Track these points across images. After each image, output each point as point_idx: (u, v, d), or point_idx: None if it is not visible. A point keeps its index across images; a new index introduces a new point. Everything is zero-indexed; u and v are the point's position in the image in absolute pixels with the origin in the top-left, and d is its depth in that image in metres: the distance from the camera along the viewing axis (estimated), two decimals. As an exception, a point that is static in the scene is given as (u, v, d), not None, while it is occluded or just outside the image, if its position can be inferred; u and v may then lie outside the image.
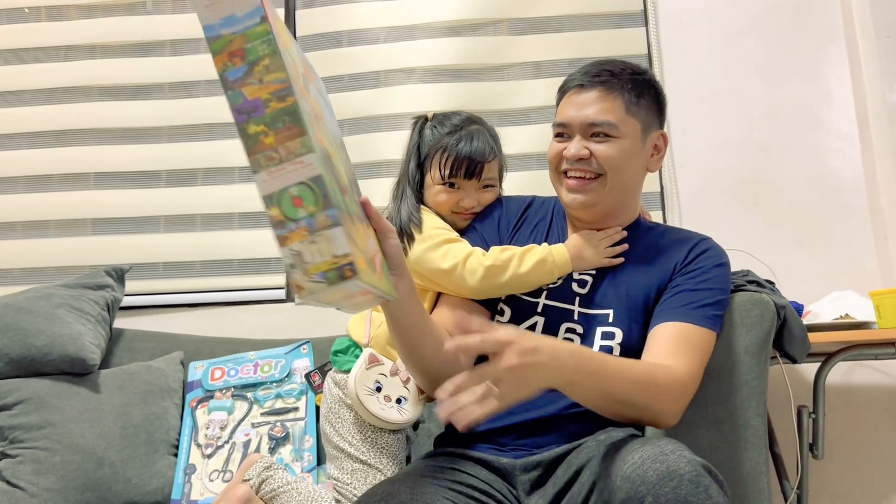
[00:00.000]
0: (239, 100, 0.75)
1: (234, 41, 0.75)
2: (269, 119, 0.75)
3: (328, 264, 0.75)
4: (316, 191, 0.75)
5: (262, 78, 0.75)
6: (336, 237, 0.75)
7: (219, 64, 0.76)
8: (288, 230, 0.75)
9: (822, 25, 2.24)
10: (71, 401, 1.66)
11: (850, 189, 2.15)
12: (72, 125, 2.35)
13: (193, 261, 2.26)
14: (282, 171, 0.75)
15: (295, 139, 0.75)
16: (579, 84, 1.27)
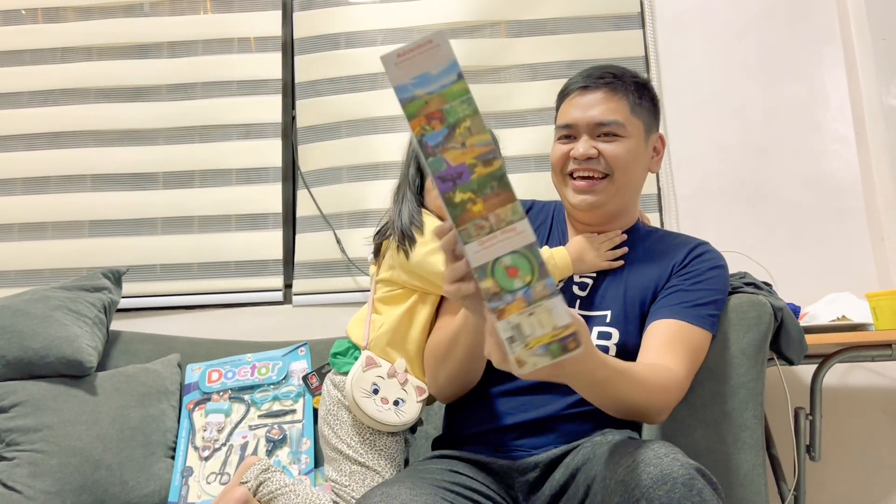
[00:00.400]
0: (441, 166, 0.70)
1: (431, 102, 0.70)
2: (476, 185, 0.70)
3: (550, 336, 0.71)
4: (531, 259, 0.71)
5: (464, 141, 0.70)
6: (556, 307, 0.71)
7: (416, 128, 0.70)
8: (504, 302, 0.70)
9: (818, 28, 2.25)
10: (68, 403, 1.66)
11: (847, 191, 2.15)
12: (69, 127, 2.34)
13: (191, 263, 2.26)
14: (493, 240, 0.70)
15: (505, 205, 0.70)
16: (583, 86, 1.28)
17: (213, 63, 2.37)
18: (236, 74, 2.36)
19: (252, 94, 2.35)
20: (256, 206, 2.28)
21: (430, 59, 0.70)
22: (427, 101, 0.70)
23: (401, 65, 0.70)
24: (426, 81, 0.70)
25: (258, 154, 2.31)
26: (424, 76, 0.70)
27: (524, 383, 1.22)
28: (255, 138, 2.32)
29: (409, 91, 0.70)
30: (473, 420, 1.27)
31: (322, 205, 2.26)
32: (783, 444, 1.79)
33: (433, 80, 0.70)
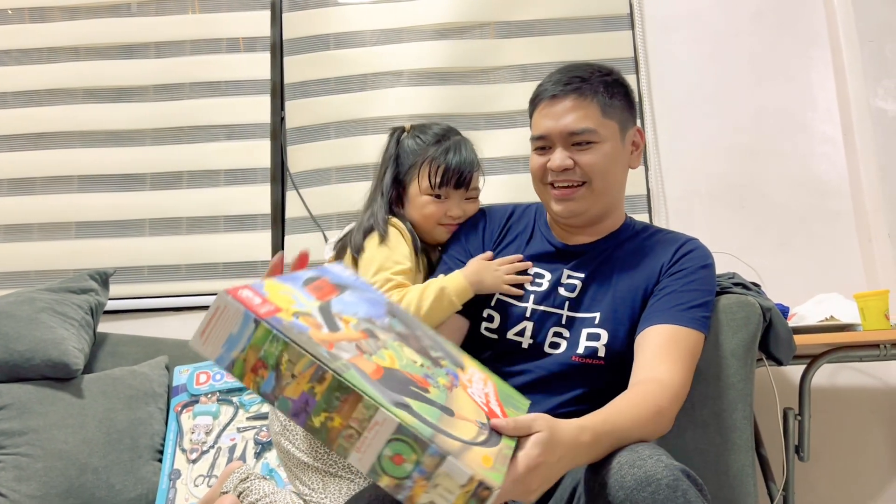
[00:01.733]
0: (288, 405, 0.72)
1: (248, 357, 0.72)
2: (325, 404, 0.71)
3: (462, 497, 0.71)
4: (406, 439, 0.71)
5: (292, 373, 0.72)
6: (452, 469, 0.71)
7: (251, 385, 0.73)
8: (408, 489, 0.71)
9: (806, 30, 2.26)
10: (54, 406, 1.65)
11: (835, 192, 2.17)
12: (55, 127, 2.33)
13: (179, 264, 2.24)
14: (365, 442, 0.71)
15: (356, 406, 0.71)
16: (552, 95, 1.27)
17: (201, 63, 2.36)
18: (225, 75, 2.35)
19: (240, 94, 2.34)
20: (245, 208, 2.27)
21: (225, 321, 0.73)
22: (244, 358, 0.72)
23: (207, 341, 0.73)
24: (234, 342, 0.73)
25: (247, 155, 2.30)
26: (230, 339, 0.73)
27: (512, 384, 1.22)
28: (243, 139, 2.31)
29: (226, 359, 0.73)
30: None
31: (311, 206, 2.25)
32: (772, 445, 1.80)
33: (239, 338, 0.73)
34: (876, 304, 1.67)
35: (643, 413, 1.03)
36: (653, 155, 2.22)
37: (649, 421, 1.03)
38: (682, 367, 1.14)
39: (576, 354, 1.23)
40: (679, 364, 1.13)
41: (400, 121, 2.29)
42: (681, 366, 1.14)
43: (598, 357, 1.22)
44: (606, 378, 1.21)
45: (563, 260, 1.32)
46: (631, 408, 1.03)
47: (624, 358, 1.21)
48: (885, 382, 2.06)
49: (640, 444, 0.95)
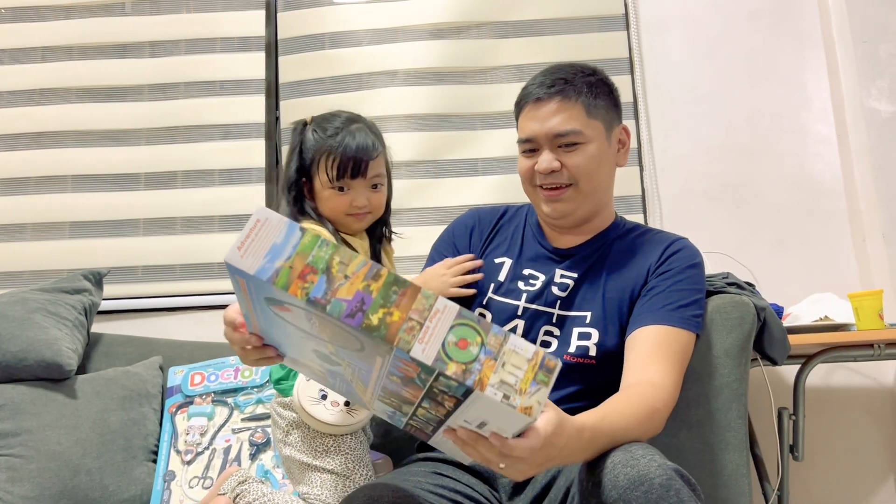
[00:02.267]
0: (341, 306, 0.69)
1: (295, 265, 0.70)
2: (382, 299, 0.69)
3: (531, 370, 0.71)
4: (469, 323, 0.70)
5: (345, 274, 0.70)
6: (517, 345, 0.71)
7: (298, 293, 0.69)
8: (476, 372, 0.69)
9: (800, 31, 2.26)
10: (47, 407, 1.64)
11: (829, 192, 2.17)
12: (49, 127, 2.32)
13: (173, 264, 2.23)
14: (427, 331, 0.69)
15: (416, 298, 0.70)
16: (536, 98, 1.28)
17: (195, 63, 2.35)
18: (219, 74, 2.34)
19: (235, 94, 2.33)
20: (240, 207, 2.26)
21: (267, 232, 0.71)
22: (291, 265, 0.70)
23: (247, 253, 0.70)
24: (278, 251, 0.70)
25: (241, 154, 2.29)
26: (273, 248, 0.71)
27: None
28: (238, 139, 2.31)
29: (269, 269, 0.70)
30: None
31: (306, 206, 2.24)
32: (767, 445, 1.80)
33: (284, 246, 0.71)
34: (870, 304, 1.68)
35: (638, 414, 1.03)
36: (647, 155, 2.23)
37: (644, 422, 1.03)
38: (674, 369, 1.14)
39: (567, 353, 1.23)
40: (670, 365, 1.14)
41: (395, 120, 2.29)
42: (672, 367, 1.14)
43: (589, 356, 1.22)
44: (598, 378, 1.21)
45: (556, 260, 1.33)
46: (626, 408, 1.03)
47: (615, 358, 1.21)
48: (879, 382, 2.06)
49: (633, 444, 0.95)
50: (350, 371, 0.82)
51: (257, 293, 0.73)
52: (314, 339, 0.78)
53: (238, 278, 0.73)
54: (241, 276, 0.72)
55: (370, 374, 0.80)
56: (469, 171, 2.26)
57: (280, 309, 0.75)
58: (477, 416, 0.76)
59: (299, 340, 0.82)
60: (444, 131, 2.28)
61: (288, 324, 0.78)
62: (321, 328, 0.74)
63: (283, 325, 0.79)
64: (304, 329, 0.77)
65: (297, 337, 0.81)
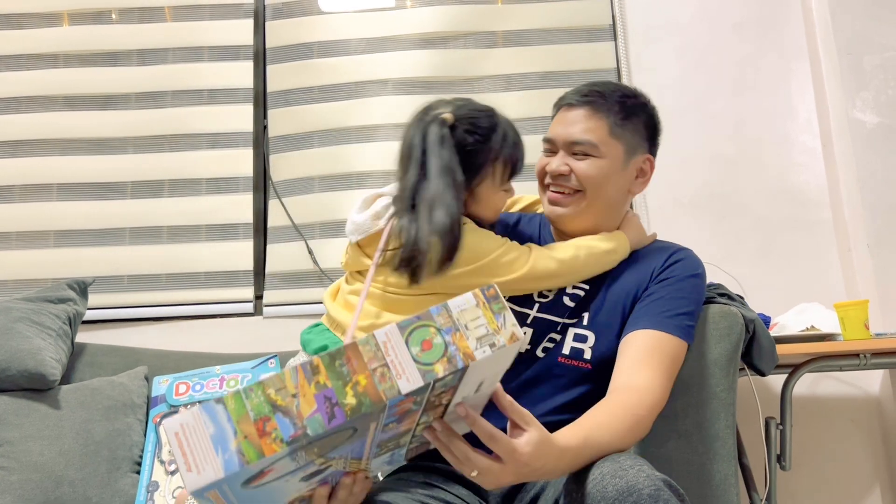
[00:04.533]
0: (319, 420, 0.65)
1: (246, 431, 0.64)
2: (339, 381, 0.66)
3: (485, 311, 0.72)
4: (413, 325, 0.70)
5: (291, 395, 0.65)
6: (456, 304, 0.72)
7: (274, 447, 0.63)
8: (457, 353, 0.69)
9: (786, 43, 2.29)
10: (30, 418, 1.62)
11: (815, 203, 2.19)
12: (34, 135, 2.30)
13: (159, 274, 2.22)
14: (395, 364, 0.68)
15: (359, 350, 0.68)
16: (569, 103, 1.31)
17: (183, 71, 2.34)
18: (207, 83, 2.33)
19: (223, 102, 2.32)
20: (227, 216, 2.25)
21: (195, 435, 0.64)
22: (245, 436, 0.64)
23: (200, 468, 0.63)
24: (222, 438, 0.63)
25: (229, 163, 2.28)
26: (215, 440, 0.64)
27: None
28: (225, 147, 2.30)
29: (232, 459, 0.63)
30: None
31: (294, 215, 2.24)
32: (754, 454, 1.80)
33: (222, 430, 0.64)
34: (856, 314, 1.69)
35: (622, 425, 1.03)
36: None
37: (628, 431, 1.04)
38: (663, 375, 1.14)
39: (561, 355, 1.22)
40: (659, 371, 1.14)
41: (384, 130, 2.29)
42: (661, 373, 1.14)
43: (583, 359, 1.22)
44: (594, 384, 1.21)
45: None
46: (610, 420, 1.03)
47: (612, 365, 1.20)
48: (864, 391, 2.07)
49: (621, 455, 0.95)
50: (342, 461, 0.80)
51: (232, 488, 0.67)
52: (300, 469, 0.74)
53: (208, 496, 0.66)
54: (211, 490, 0.65)
55: (363, 445, 0.78)
56: (457, 181, 2.26)
57: (261, 478, 0.69)
58: (474, 383, 0.77)
59: (284, 486, 0.77)
60: (433, 141, 2.28)
61: (271, 483, 0.73)
62: (308, 455, 0.70)
63: (266, 489, 0.73)
64: (289, 471, 0.72)
65: (282, 485, 0.76)
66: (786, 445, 1.71)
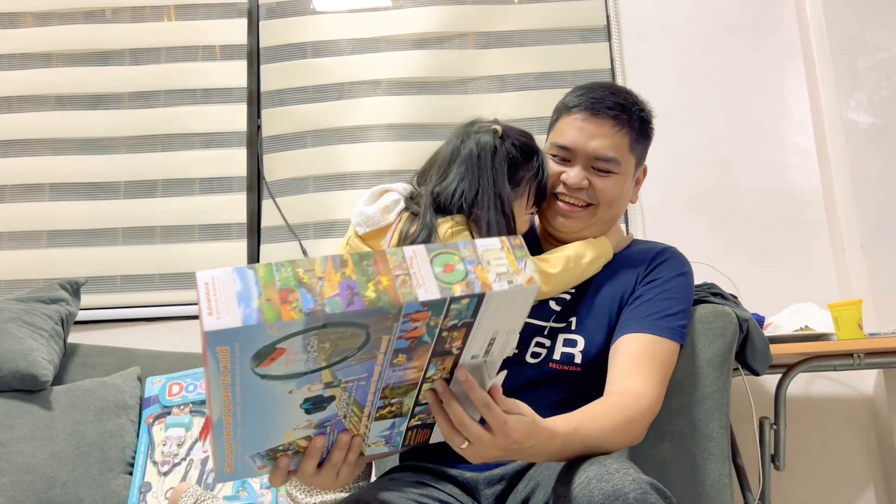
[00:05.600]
0: (338, 302, 0.67)
1: (270, 297, 0.66)
2: (363, 277, 0.70)
3: (509, 255, 0.76)
4: (442, 251, 0.73)
5: (318, 277, 0.68)
6: (484, 244, 0.75)
7: (294, 314, 0.66)
8: (476, 281, 0.72)
9: (780, 44, 2.29)
10: (21, 419, 1.61)
11: (809, 203, 2.19)
12: (26, 135, 2.29)
13: (152, 274, 2.21)
14: (417, 276, 0.71)
15: (387, 258, 0.71)
16: (591, 111, 1.26)
17: (176, 71, 2.33)
18: (201, 83, 2.32)
19: (217, 102, 2.32)
20: (220, 216, 2.24)
21: (223, 288, 0.67)
22: (268, 299, 0.67)
23: (220, 314, 0.66)
24: (246, 296, 0.66)
25: (222, 163, 2.28)
26: (240, 296, 0.66)
27: None
28: (219, 147, 2.29)
29: (252, 313, 0.66)
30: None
31: (287, 215, 2.23)
32: (748, 454, 1.80)
33: (248, 290, 0.67)
34: (849, 314, 1.69)
35: (615, 423, 1.03)
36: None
37: (619, 431, 1.03)
38: (656, 379, 1.14)
39: (552, 361, 1.22)
40: (653, 375, 1.13)
41: (377, 130, 2.29)
42: (654, 377, 1.14)
43: (574, 364, 1.21)
44: (585, 387, 1.21)
45: None
46: (603, 416, 1.03)
47: (601, 368, 1.20)
48: (858, 391, 2.08)
49: (609, 458, 0.95)
50: (345, 398, 0.81)
51: (242, 358, 0.69)
52: (306, 380, 0.75)
53: (219, 351, 0.68)
54: (224, 343, 0.67)
55: (370, 378, 0.79)
56: (452, 181, 2.26)
57: (269, 362, 0.71)
58: (487, 331, 0.79)
59: (285, 404, 0.78)
60: (427, 141, 2.27)
61: (275, 384, 0.74)
62: (319, 351, 0.72)
63: (268, 394, 0.76)
64: (296, 373, 0.74)
65: (284, 400, 0.78)
66: (780, 445, 1.71)
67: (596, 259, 1.28)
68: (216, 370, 0.70)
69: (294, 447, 0.85)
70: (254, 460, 0.84)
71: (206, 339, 0.65)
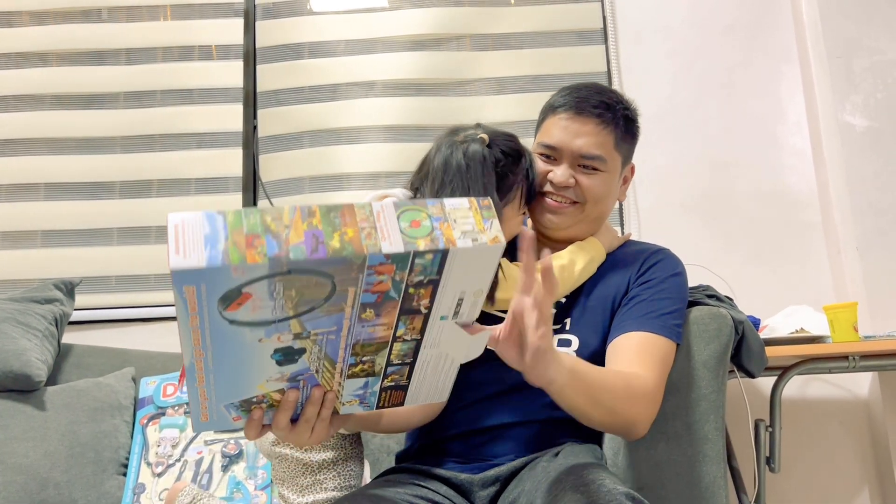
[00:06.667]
0: (302, 249, 0.69)
1: (236, 240, 0.68)
2: (329, 227, 0.72)
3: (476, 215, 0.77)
4: (409, 207, 0.75)
5: (285, 224, 0.70)
6: (452, 202, 0.77)
7: (258, 258, 0.67)
8: (441, 237, 0.75)
9: (776, 46, 2.29)
10: (14, 419, 1.60)
11: (804, 205, 2.19)
12: (22, 134, 2.28)
13: (147, 274, 2.20)
14: (383, 230, 0.73)
15: (354, 211, 0.73)
16: (575, 110, 1.27)
17: (173, 71, 2.33)
18: (197, 83, 2.32)
19: (213, 102, 2.31)
20: (216, 217, 2.23)
21: (192, 230, 0.69)
22: (234, 242, 0.68)
23: (186, 254, 0.67)
24: (213, 239, 0.68)
25: (218, 163, 2.27)
26: (207, 238, 0.68)
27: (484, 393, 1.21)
28: (215, 147, 2.29)
29: (216, 255, 0.67)
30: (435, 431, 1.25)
31: (283, 216, 2.23)
32: (743, 456, 1.80)
33: (215, 233, 0.68)
34: (845, 317, 1.69)
35: (615, 383, 1.06)
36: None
37: (619, 392, 1.05)
38: (656, 372, 1.14)
39: None
40: (653, 369, 1.14)
41: (374, 131, 2.28)
42: (654, 371, 1.14)
43: None
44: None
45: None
46: (609, 374, 1.07)
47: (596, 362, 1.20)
48: (853, 394, 2.08)
49: (588, 468, 0.95)
50: (316, 352, 0.82)
51: (210, 299, 0.71)
52: (275, 329, 0.77)
53: (186, 290, 0.70)
54: (190, 282, 0.69)
55: (340, 333, 0.80)
56: (448, 182, 2.26)
57: (236, 307, 0.73)
58: (454, 291, 0.79)
59: (255, 353, 0.80)
60: (423, 143, 2.25)
61: (244, 331, 0.76)
62: (286, 298, 0.73)
63: (238, 342, 0.77)
64: (264, 320, 0.76)
65: (254, 349, 0.79)
66: (775, 447, 1.71)
67: (589, 263, 1.28)
68: (184, 311, 0.71)
69: (268, 400, 0.86)
70: (228, 410, 0.85)
71: (173, 278, 0.67)
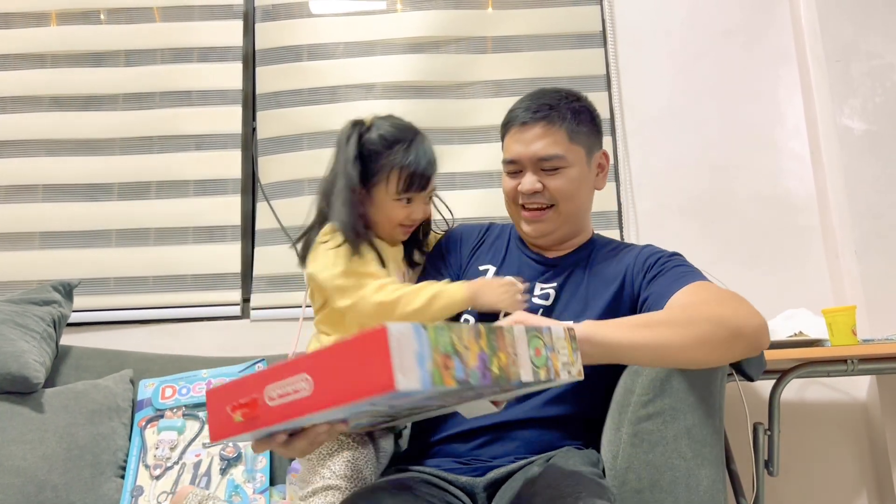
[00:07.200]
0: (478, 374, 0.73)
1: (436, 360, 0.70)
2: (491, 351, 0.76)
3: (569, 345, 0.88)
4: (532, 335, 0.82)
5: (465, 346, 0.73)
6: (556, 332, 0.86)
7: (450, 382, 0.70)
8: (551, 367, 0.83)
9: (775, 49, 2.30)
10: (12, 421, 1.60)
11: (803, 208, 2.20)
12: (20, 135, 2.28)
13: (146, 276, 2.20)
14: (520, 358, 0.79)
15: (505, 336, 0.78)
16: (522, 122, 1.31)
17: (172, 72, 2.33)
18: (196, 84, 2.32)
19: (212, 104, 2.31)
20: (214, 219, 2.24)
21: (406, 345, 0.69)
22: (435, 362, 0.70)
23: (406, 374, 0.68)
24: (422, 356, 0.69)
25: (217, 165, 2.27)
26: (418, 356, 0.69)
27: None
28: (214, 149, 2.28)
29: (426, 377, 0.68)
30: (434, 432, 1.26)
31: (282, 217, 2.23)
32: (742, 460, 1.80)
33: (423, 350, 0.69)
34: (843, 320, 1.69)
35: (706, 298, 1.12)
36: (624, 170, 2.24)
37: (730, 301, 1.11)
38: (732, 303, 1.13)
39: None
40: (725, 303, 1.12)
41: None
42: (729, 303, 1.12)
43: None
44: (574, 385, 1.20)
45: (539, 270, 1.36)
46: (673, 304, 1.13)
47: None
48: (852, 397, 2.08)
49: (566, 481, 0.96)
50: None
51: (388, 398, 0.71)
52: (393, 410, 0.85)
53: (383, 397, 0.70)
54: (397, 399, 0.72)
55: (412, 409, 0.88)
56: (447, 186, 2.26)
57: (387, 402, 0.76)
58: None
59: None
60: (422, 144, 2.27)
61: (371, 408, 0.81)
62: (443, 398, 0.80)
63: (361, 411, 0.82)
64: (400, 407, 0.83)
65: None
66: (773, 451, 1.71)
67: (430, 301, 1.26)
68: (353, 406, 0.72)
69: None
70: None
71: (390, 395, 0.67)
